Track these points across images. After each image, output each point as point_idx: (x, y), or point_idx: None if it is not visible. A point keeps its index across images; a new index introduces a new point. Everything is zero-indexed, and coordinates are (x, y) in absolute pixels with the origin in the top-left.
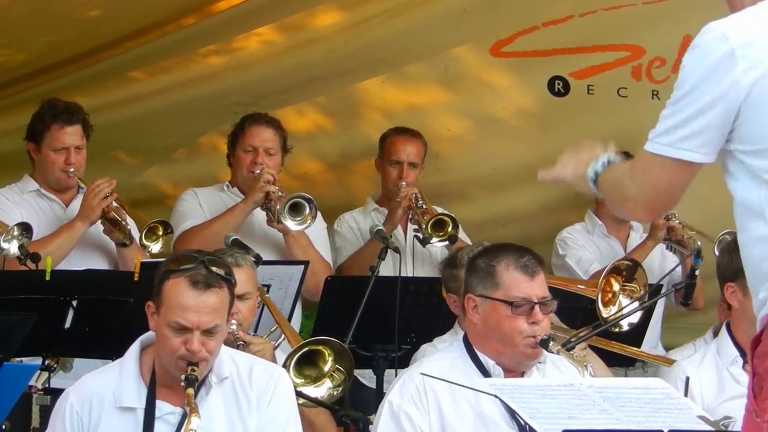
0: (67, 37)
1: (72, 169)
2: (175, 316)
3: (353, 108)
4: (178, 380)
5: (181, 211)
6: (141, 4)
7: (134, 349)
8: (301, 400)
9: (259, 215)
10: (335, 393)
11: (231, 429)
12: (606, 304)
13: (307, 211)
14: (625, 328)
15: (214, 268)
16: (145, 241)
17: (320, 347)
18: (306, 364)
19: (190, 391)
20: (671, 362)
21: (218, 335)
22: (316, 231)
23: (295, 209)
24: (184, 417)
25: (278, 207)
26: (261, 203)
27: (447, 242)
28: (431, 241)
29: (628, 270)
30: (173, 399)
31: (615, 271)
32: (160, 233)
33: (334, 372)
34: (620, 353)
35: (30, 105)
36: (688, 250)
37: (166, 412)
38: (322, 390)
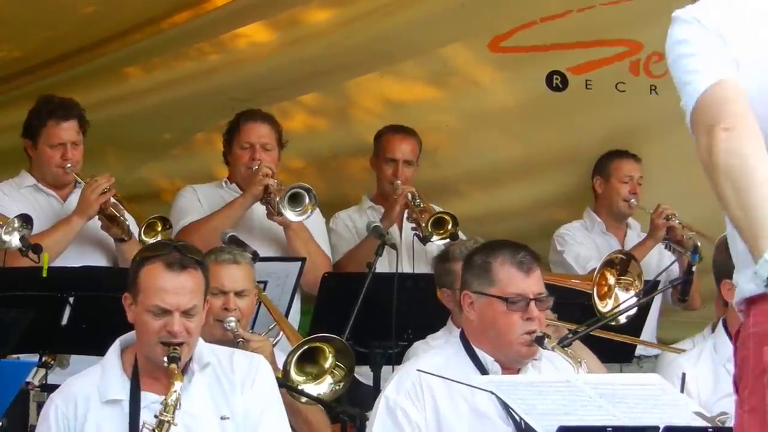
0: (62, 33)
1: (69, 165)
2: (154, 299)
3: (350, 104)
4: (162, 367)
5: (180, 208)
6: (137, 0)
7: (115, 347)
8: (303, 399)
9: (259, 210)
10: (337, 388)
11: (217, 412)
12: (602, 298)
13: (307, 201)
14: (623, 320)
15: (186, 252)
16: (144, 237)
17: (321, 344)
18: (307, 361)
19: (173, 366)
20: (680, 351)
21: (197, 317)
22: (315, 225)
23: (295, 200)
24: None
25: (278, 199)
26: (260, 197)
27: (448, 240)
28: (432, 239)
29: (621, 263)
30: (158, 389)
31: (609, 264)
32: (159, 229)
33: (334, 369)
34: (624, 344)
35: (26, 101)
36: (686, 251)
37: (152, 401)
38: (323, 386)
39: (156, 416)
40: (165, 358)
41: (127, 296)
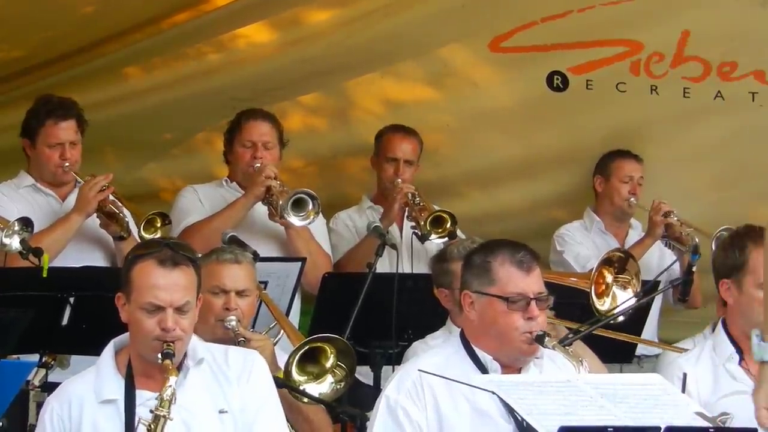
0: (62, 33)
1: (67, 165)
2: (147, 296)
3: (350, 104)
4: (156, 364)
5: (181, 208)
6: (137, 0)
7: (108, 349)
8: (305, 399)
9: (260, 209)
10: (338, 388)
11: (215, 406)
12: (600, 296)
13: (310, 206)
14: (620, 319)
15: (178, 249)
16: (143, 233)
17: (322, 344)
18: (308, 361)
19: (168, 362)
20: (682, 350)
21: (190, 313)
22: (316, 225)
23: (298, 204)
24: None
25: (281, 202)
26: (262, 198)
27: (446, 238)
28: (430, 238)
29: (619, 261)
30: (153, 386)
31: (607, 262)
32: (159, 225)
33: (335, 368)
34: (624, 344)
35: (26, 101)
36: (685, 248)
37: (147, 398)
38: (324, 386)
39: (151, 411)
40: (159, 355)
41: (120, 296)
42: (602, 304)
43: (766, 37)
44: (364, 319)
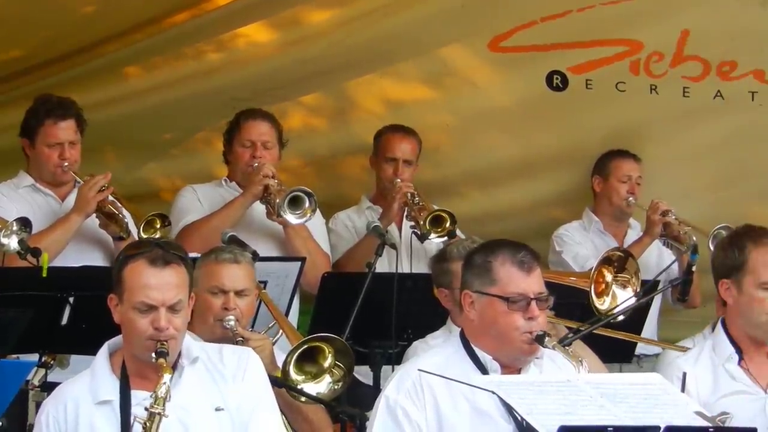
0: (62, 33)
1: (66, 164)
2: (139, 296)
3: (350, 104)
4: (150, 364)
5: (180, 208)
6: (137, 0)
7: (103, 351)
8: (303, 398)
9: (259, 209)
10: (336, 388)
11: (211, 404)
12: (599, 295)
13: (307, 204)
14: (619, 318)
15: (169, 249)
16: (143, 234)
17: (320, 343)
18: (306, 360)
19: (162, 360)
20: (684, 349)
21: (182, 312)
22: (315, 224)
23: (295, 203)
24: None
25: (278, 200)
26: (260, 196)
27: (446, 238)
28: (429, 237)
29: (619, 260)
30: (148, 386)
31: (606, 261)
32: (158, 226)
33: (333, 368)
34: (624, 344)
35: (26, 101)
36: (684, 246)
37: (143, 398)
38: (322, 386)
39: (146, 408)
40: (153, 354)
41: (113, 297)
42: (602, 303)
43: (766, 37)
44: (363, 319)
